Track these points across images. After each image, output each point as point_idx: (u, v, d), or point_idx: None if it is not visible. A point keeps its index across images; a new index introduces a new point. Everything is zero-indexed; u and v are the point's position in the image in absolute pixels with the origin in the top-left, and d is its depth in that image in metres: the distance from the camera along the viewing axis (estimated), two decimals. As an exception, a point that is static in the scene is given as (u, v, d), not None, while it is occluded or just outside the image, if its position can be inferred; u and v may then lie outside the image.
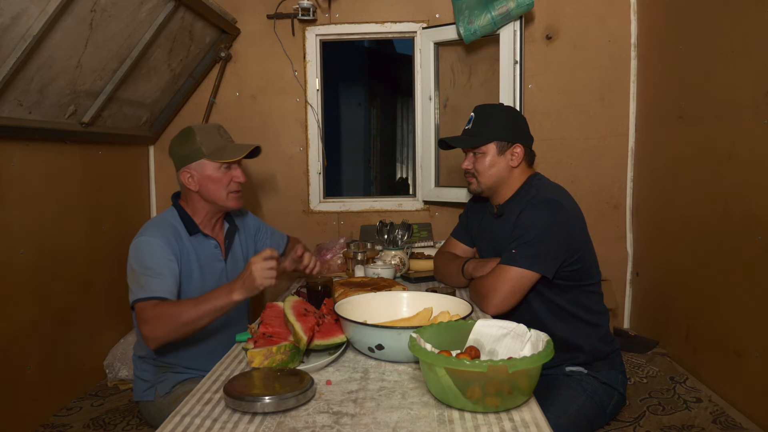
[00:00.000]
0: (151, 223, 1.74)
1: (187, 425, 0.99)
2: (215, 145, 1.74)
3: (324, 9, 2.97)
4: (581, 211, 1.76)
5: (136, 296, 1.57)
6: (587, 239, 1.76)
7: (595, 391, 1.68)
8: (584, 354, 1.71)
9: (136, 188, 2.96)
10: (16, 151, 2.02)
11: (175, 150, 1.76)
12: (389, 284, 1.81)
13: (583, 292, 1.74)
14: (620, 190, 2.98)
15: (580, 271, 1.70)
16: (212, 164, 1.72)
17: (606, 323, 1.79)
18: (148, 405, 1.76)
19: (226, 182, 1.74)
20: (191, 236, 1.75)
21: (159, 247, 1.64)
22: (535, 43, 2.92)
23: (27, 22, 1.71)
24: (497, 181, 1.80)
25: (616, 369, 1.75)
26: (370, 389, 1.12)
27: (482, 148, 1.78)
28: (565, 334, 1.69)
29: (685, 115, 2.36)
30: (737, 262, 1.98)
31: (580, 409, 1.63)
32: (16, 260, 2.02)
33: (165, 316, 1.52)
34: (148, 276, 1.58)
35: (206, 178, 1.72)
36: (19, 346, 2.03)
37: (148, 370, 1.76)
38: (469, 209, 2.07)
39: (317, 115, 3.06)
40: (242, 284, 1.48)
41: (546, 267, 1.62)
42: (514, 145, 1.78)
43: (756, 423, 1.84)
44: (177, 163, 1.76)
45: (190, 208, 1.79)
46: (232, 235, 1.89)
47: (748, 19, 1.91)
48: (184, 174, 1.74)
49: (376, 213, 3.08)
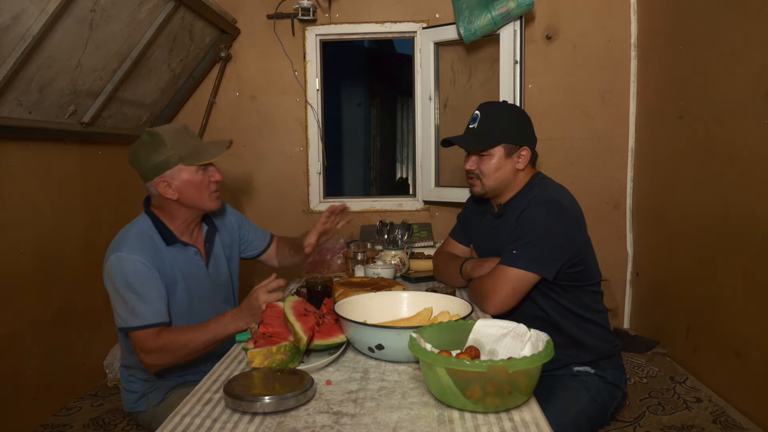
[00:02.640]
0: (126, 236, 1.60)
1: (187, 425, 0.99)
2: (188, 148, 1.63)
3: (324, 9, 2.97)
4: (582, 211, 1.75)
5: (128, 324, 1.51)
6: (587, 240, 1.75)
7: (599, 392, 1.67)
8: (590, 353, 1.70)
9: (136, 188, 2.96)
10: (16, 151, 2.02)
11: (143, 159, 1.60)
12: (389, 284, 1.81)
13: (585, 293, 1.72)
14: (620, 189, 2.98)
15: (582, 272, 1.68)
16: (189, 168, 1.61)
17: (607, 323, 1.78)
18: (141, 415, 1.72)
19: (206, 184, 1.65)
20: (169, 246, 1.64)
21: (142, 265, 1.53)
22: (535, 43, 2.92)
23: (27, 22, 1.71)
24: (502, 183, 1.76)
25: (619, 369, 1.74)
26: (370, 389, 1.12)
27: (489, 150, 1.73)
28: (573, 332, 1.69)
29: (685, 114, 2.36)
30: (737, 262, 1.98)
31: (582, 411, 1.62)
32: (16, 260, 2.02)
33: (171, 347, 1.50)
34: (138, 300, 1.51)
35: (185, 183, 1.61)
36: (19, 346, 2.03)
37: (135, 382, 1.70)
38: (468, 209, 2.04)
39: (317, 115, 3.06)
40: (248, 315, 1.48)
41: (547, 269, 1.60)
42: (521, 148, 1.74)
43: (756, 423, 1.84)
44: (148, 172, 1.61)
45: (165, 216, 1.67)
46: (212, 238, 1.79)
47: (748, 20, 1.91)
48: (159, 184, 1.60)
49: (376, 213, 3.08)
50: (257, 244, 1.97)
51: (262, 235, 1.99)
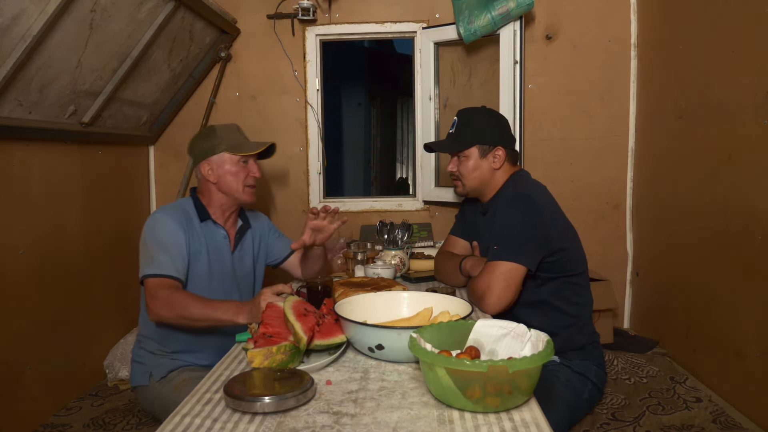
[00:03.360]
0: (165, 207, 1.85)
1: (187, 425, 0.99)
2: (235, 141, 1.86)
3: (324, 9, 2.97)
4: (557, 204, 1.80)
5: (145, 272, 1.66)
6: (568, 231, 1.79)
7: (569, 379, 1.72)
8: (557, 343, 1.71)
9: (136, 188, 2.96)
10: (16, 151, 2.02)
11: (197, 145, 1.86)
12: (389, 284, 1.81)
13: (564, 284, 1.76)
14: (620, 190, 2.98)
15: (559, 262, 1.73)
16: (232, 158, 1.84)
17: (587, 315, 1.82)
18: (144, 390, 1.79)
19: (243, 176, 1.85)
20: (201, 222, 1.83)
21: (171, 224, 1.73)
22: (535, 43, 2.92)
23: (27, 22, 1.71)
24: (481, 182, 1.86)
25: (590, 360, 1.77)
26: (370, 389, 1.12)
27: (465, 152, 1.84)
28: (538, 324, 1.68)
29: (685, 115, 2.36)
30: (737, 262, 1.98)
31: (558, 397, 1.66)
32: (16, 260, 2.02)
33: (173, 302, 1.60)
34: (159, 251, 1.67)
35: (225, 170, 1.83)
36: (19, 346, 2.03)
37: (144, 355, 1.81)
38: (464, 208, 2.12)
39: (317, 115, 3.06)
40: (249, 310, 1.53)
41: (527, 260, 1.65)
42: (495, 148, 1.84)
43: (756, 423, 1.84)
44: (198, 156, 1.85)
45: (205, 198, 1.88)
46: (244, 232, 1.95)
47: (748, 19, 1.91)
48: (204, 166, 1.84)
49: (376, 213, 3.08)
50: (279, 252, 2.07)
51: (287, 243, 2.09)
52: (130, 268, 2.18)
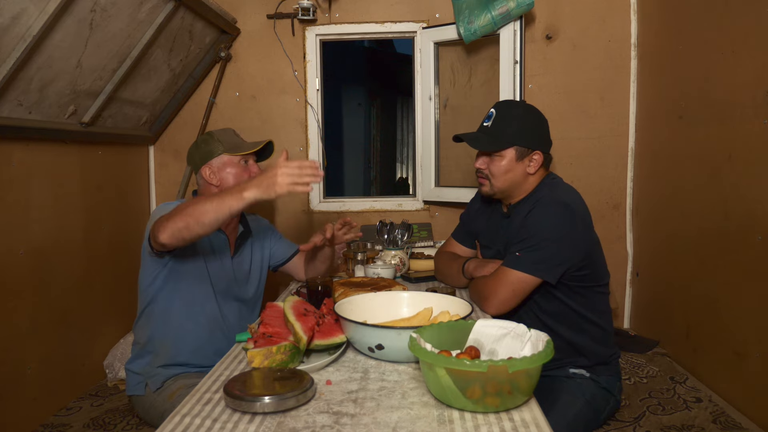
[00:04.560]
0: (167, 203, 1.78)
1: (187, 425, 0.99)
2: (233, 142, 1.87)
3: (324, 9, 2.97)
4: (590, 212, 1.71)
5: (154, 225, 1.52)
6: (596, 242, 1.72)
7: (594, 396, 1.67)
8: (587, 358, 1.70)
9: (136, 188, 2.96)
10: (16, 151, 2.02)
11: (195, 152, 1.85)
12: (389, 284, 1.81)
13: (593, 293, 1.70)
14: (620, 190, 2.98)
15: (590, 274, 1.66)
16: (232, 159, 1.83)
17: (609, 325, 1.76)
18: (140, 400, 1.77)
19: (244, 177, 1.83)
20: None
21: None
22: (535, 43, 2.92)
23: (27, 22, 1.71)
24: (511, 185, 1.73)
25: (614, 375, 1.73)
26: (370, 389, 1.12)
27: (500, 151, 1.70)
28: (570, 336, 1.68)
29: (685, 115, 2.36)
30: (737, 262, 1.97)
31: (578, 414, 1.62)
32: (16, 260, 2.02)
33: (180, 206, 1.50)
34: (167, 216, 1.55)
35: (226, 172, 1.83)
36: (19, 346, 2.03)
37: (139, 363, 1.78)
38: (473, 209, 2.00)
39: (317, 115, 3.06)
40: (259, 182, 1.41)
41: (549, 273, 1.58)
42: (534, 152, 1.70)
43: (756, 423, 1.83)
44: (198, 162, 1.84)
45: None
46: (245, 238, 1.94)
47: (748, 19, 1.91)
48: (204, 170, 1.83)
49: (376, 213, 3.08)
50: (281, 254, 2.07)
51: (288, 246, 2.09)
52: (130, 268, 2.19)
